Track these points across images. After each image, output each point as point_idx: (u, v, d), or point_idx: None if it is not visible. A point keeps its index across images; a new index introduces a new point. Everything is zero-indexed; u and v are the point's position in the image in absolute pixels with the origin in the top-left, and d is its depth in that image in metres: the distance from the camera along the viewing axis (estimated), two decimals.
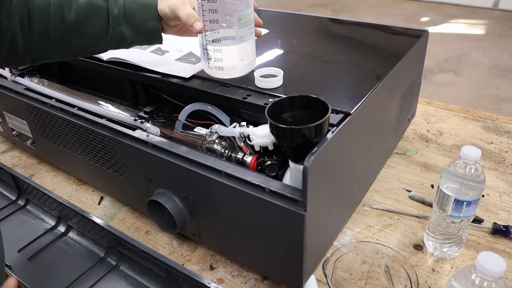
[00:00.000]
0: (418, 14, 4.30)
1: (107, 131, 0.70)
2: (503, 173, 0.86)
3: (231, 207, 0.59)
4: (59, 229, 0.81)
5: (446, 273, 0.65)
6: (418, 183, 0.84)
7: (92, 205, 0.84)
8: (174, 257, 0.71)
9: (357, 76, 0.70)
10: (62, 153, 0.85)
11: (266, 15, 1.04)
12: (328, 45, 0.86)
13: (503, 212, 0.76)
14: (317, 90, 0.66)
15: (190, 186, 0.62)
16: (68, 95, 0.81)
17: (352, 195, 0.74)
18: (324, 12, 4.38)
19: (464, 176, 0.60)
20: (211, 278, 0.66)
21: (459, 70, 3.07)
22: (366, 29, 0.91)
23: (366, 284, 0.62)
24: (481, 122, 1.03)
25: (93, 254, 0.74)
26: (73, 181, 0.92)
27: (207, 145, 0.66)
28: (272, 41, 0.86)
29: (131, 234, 0.76)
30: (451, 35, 3.69)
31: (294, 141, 0.51)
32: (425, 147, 0.95)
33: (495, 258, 0.45)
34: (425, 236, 0.69)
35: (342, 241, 0.71)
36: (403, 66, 0.76)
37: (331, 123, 0.56)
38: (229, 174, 0.56)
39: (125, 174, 0.73)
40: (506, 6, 4.33)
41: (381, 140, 0.80)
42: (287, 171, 0.59)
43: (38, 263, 0.74)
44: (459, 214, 0.61)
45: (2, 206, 0.87)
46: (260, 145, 0.62)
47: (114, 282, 0.69)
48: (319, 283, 0.63)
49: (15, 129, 0.97)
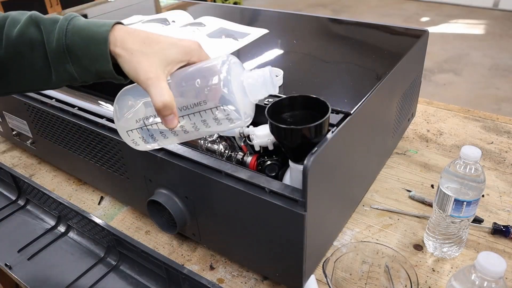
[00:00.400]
0: (418, 14, 4.30)
1: (107, 131, 0.70)
2: (503, 173, 0.86)
3: (231, 207, 0.59)
4: (59, 229, 0.81)
5: (446, 273, 0.65)
6: (418, 183, 0.84)
7: (92, 205, 0.84)
8: (174, 257, 0.71)
9: (357, 76, 0.70)
10: (62, 153, 0.85)
11: (266, 15, 1.04)
12: (328, 45, 0.86)
13: (503, 212, 0.76)
14: (317, 90, 0.66)
15: (190, 186, 0.62)
16: (68, 95, 0.81)
17: (352, 195, 0.74)
18: (324, 12, 4.38)
19: (464, 176, 0.60)
20: (211, 278, 0.66)
21: (459, 70, 3.07)
22: (366, 29, 0.91)
23: (366, 284, 0.62)
24: (481, 122, 1.03)
25: (93, 254, 0.74)
26: (73, 181, 0.92)
27: (207, 145, 0.66)
28: (272, 41, 0.86)
29: (131, 234, 0.76)
30: (451, 35, 3.69)
31: (294, 141, 0.51)
32: (425, 147, 0.95)
33: (495, 258, 0.45)
34: (425, 236, 0.69)
35: (342, 241, 0.71)
36: (403, 66, 0.76)
37: (331, 123, 0.56)
38: (229, 174, 0.56)
39: (125, 174, 0.73)
40: (506, 6, 4.33)
41: (381, 140, 0.80)
42: (287, 171, 0.59)
43: (38, 263, 0.74)
44: (459, 214, 0.61)
45: (2, 206, 0.87)
46: (260, 145, 0.62)
47: (114, 282, 0.69)
48: (319, 283, 0.63)
49: (15, 129, 0.97)
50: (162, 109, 0.44)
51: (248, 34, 0.88)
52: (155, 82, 0.44)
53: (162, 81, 0.44)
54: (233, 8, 1.12)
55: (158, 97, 0.44)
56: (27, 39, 0.47)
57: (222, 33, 0.91)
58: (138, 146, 0.53)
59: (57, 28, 0.47)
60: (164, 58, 0.46)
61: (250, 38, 0.86)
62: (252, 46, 0.83)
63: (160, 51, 0.46)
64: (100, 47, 0.45)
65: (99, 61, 0.46)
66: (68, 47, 0.46)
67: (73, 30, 0.47)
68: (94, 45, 0.46)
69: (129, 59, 0.45)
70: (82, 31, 0.46)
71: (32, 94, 0.84)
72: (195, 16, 1.01)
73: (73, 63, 0.47)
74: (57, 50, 0.47)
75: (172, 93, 0.45)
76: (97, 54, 0.46)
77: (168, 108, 0.44)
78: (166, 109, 0.44)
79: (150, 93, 0.44)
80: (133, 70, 0.45)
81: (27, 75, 0.49)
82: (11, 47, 0.47)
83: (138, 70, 0.45)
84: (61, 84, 0.50)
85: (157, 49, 0.46)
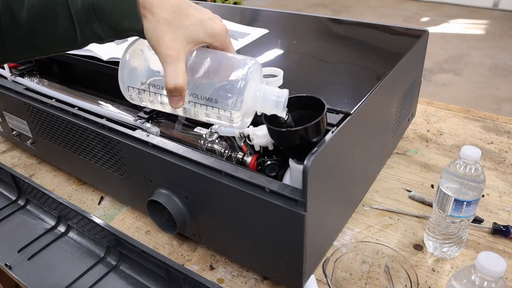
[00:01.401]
0: (418, 14, 4.30)
1: (107, 131, 0.70)
2: (503, 173, 0.86)
3: (231, 207, 0.59)
4: (59, 229, 0.81)
5: (446, 273, 0.65)
6: (418, 183, 0.84)
7: (92, 205, 0.84)
8: (174, 257, 0.71)
9: (357, 76, 0.70)
10: (62, 153, 0.85)
11: (266, 15, 1.04)
12: (328, 45, 0.86)
13: (503, 212, 0.76)
14: (317, 90, 0.66)
15: (190, 186, 0.62)
16: (68, 95, 0.81)
17: (352, 195, 0.74)
18: (324, 12, 4.38)
19: (464, 176, 0.60)
20: (211, 278, 0.66)
21: (459, 70, 3.07)
22: (366, 29, 0.91)
23: (366, 284, 0.62)
24: (481, 122, 1.03)
25: (93, 254, 0.74)
26: (73, 181, 0.92)
27: (207, 145, 0.66)
28: (272, 41, 0.86)
29: (131, 234, 0.76)
30: (451, 35, 3.69)
31: (292, 143, 0.51)
32: (425, 147, 0.95)
33: (495, 258, 0.45)
34: (425, 236, 0.69)
35: (342, 241, 0.71)
36: (403, 66, 0.76)
37: (331, 123, 0.56)
38: (229, 174, 0.56)
39: (125, 174, 0.73)
40: (506, 6, 4.33)
41: (381, 140, 0.80)
42: (287, 171, 0.59)
43: (38, 263, 0.74)
44: (459, 214, 0.61)
45: (2, 206, 0.87)
46: (260, 145, 0.62)
47: (114, 282, 0.69)
48: (319, 283, 0.63)
49: (15, 129, 0.97)
50: (172, 91, 0.44)
51: (248, 34, 0.88)
52: (174, 61, 0.43)
53: (181, 61, 0.44)
54: (233, 8, 1.12)
55: (172, 78, 0.43)
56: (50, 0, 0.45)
57: None
58: (132, 100, 0.51)
59: None
60: (189, 34, 0.44)
61: (250, 38, 0.86)
62: (252, 46, 0.83)
63: (186, 27, 0.44)
64: (130, 5, 0.44)
65: (128, 19, 0.44)
66: (94, 6, 0.44)
67: None
68: (122, 2, 0.44)
69: (154, 26, 0.44)
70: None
71: (32, 94, 0.84)
72: None
73: (100, 22, 0.45)
74: (82, 9, 0.45)
75: (186, 76, 0.44)
76: (127, 12, 0.44)
77: (179, 91, 0.44)
78: (176, 91, 0.44)
79: (165, 70, 0.43)
80: (155, 39, 0.44)
81: (52, 36, 0.47)
82: (33, 8, 0.46)
83: (160, 42, 0.43)
84: (86, 44, 0.48)
85: (185, 23, 0.44)
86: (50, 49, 0.50)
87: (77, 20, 0.46)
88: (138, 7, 0.44)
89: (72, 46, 0.49)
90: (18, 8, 0.46)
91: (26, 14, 0.46)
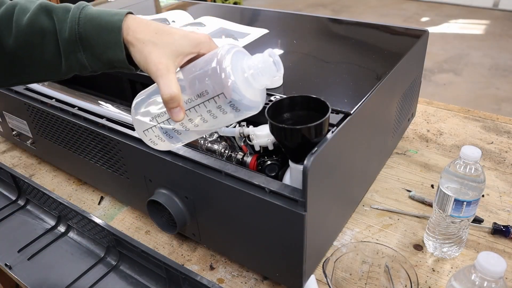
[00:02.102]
0: (418, 14, 4.30)
1: (107, 131, 0.70)
2: (503, 173, 0.86)
3: (231, 207, 0.59)
4: (59, 229, 0.81)
5: (446, 273, 0.65)
6: (418, 183, 0.84)
7: (92, 205, 0.84)
8: (174, 257, 0.71)
9: (357, 76, 0.70)
10: (62, 153, 0.85)
11: (266, 15, 1.04)
12: (328, 45, 0.86)
13: (503, 212, 0.76)
14: (317, 90, 0.66)
15: (190, 186, 0.62)
16: (68, 95, 0.81)
17: (352, 195, 0.74)
18: (324, 12, 4.38)
19: (464, 176, 0.60)
20: (211, 278, 0.66)
21: (459, 70, 3.07)
22: (366, 29, 0.91)
23: (366, 284, 0.62)
24: (481, 122, 1.03)
25: (93, 254, 0.74)
26: (73, 181, 0.92)
27: (207, 145, 0.66)
28: (272, 41, 0.86)
29: (131, 234, 0.76)
30: (451, 35, 3.69)
31: (294, 141, 0.51)
32: (425, 147, 0.95)
33: (495, 258, 0.45)
34: (425, 236, 0.69)
35: (342, 241, 0.71)
36: (403, 66, 0.76)
37: (331, 123, 0.56)
38: (229, 174, 0.56)
39: (125, 174, 0.73)
40: (506, 6, 4.33)
41: (381, 140, 0.80)
42: (287, 171, 0.59)
43: (38, 263, 0.74)
44: (459, 214, 0.61)
45: (2, 206, 0.87)
46: (260, 145, 0.62)
47: (114, 282, 0.69)
48: (319, 283, 0.63)
49: (15, 129, 0.97)
50: (169, 101, 0.44)
51: (248, 34, 0.88)
52: (165, 74, 0.44)
53: (171, 72, 0.45)
54: (233, 8, 1.12)
55: (166, 89, 0.44)
56: (38, 28, 0.46)
57: (222, 33, 0.91)
58: (156, 145, 0.52)
59: (69, 17, 0.47)
60: (174, 49, 0.46)
61: (250, 38, 0.86)
62: (252, 46, 0.83)
63: (171, 42, 0.46)
64: (114, 35, 0.46)
65: (112, 49, 0.46)
66: (81, 36, 0.46)
67: (85, 18, 0.47)
68: (107, 33, 0.46)
69: (140, 48, 0.45)
70: (95, 20, 0.46)
71: (32, 94, 0.84)
72: (195, 16, 1.01)
73: (85, 51, 0.47)
74: (69, 38, 0.47)
75: (179, 86, 0.45)
76: (111, 42, 0.46)
77: (175, 100, 0.44)
78: (172, 101, 0.44)
79: (159, 84, 0.45)
80: (144, 60, 0.45)
81: (37, 64, 0.49)
82: (22, 36, 0.47)
83: (148, 60, 0.45)
84: (70, 73, 0.50)
85: (168, 40, 0.46)
86: (32, 77, 0.51)
87: (63, 48, 0.47)
88: (122, 38, 0.46)
89: (55, 75, 0.50)
90: (6, 34, 0.47)
91: (13, 41, 0.47)
